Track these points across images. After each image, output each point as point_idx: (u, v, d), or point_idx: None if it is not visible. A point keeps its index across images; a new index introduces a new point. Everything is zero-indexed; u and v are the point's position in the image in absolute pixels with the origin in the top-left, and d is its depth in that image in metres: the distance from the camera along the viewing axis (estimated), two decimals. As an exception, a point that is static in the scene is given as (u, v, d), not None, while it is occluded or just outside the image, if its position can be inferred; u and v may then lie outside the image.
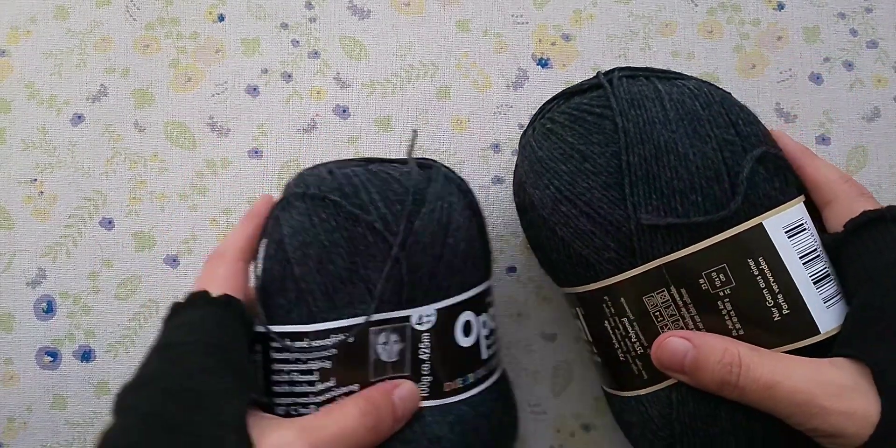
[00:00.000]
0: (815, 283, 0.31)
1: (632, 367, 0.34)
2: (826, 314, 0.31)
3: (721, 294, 0.31)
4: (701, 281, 0.31)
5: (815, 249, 0.32)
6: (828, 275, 0.32)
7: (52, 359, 0.49)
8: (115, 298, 0.50)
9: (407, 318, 0.34)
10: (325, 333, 0.34)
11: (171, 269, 0.50)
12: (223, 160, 0.51)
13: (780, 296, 0.31)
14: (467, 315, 0.36)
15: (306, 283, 0.34)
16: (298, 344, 0.34)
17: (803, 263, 0.31)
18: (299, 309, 0.35)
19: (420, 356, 0.35)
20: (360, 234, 0.34)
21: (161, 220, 0.51)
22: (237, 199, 0.51)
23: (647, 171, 0.32)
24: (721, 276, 0.31)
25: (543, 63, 0.52)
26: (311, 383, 0.33)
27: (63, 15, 0.53)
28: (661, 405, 0.33)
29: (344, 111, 0.52)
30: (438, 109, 0.52)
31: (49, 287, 0.50)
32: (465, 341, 0.36)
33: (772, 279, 0.31)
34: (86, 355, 0.49)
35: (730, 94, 0.37)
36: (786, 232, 0.31)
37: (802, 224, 0.32)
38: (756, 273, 0.31)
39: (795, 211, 0.32)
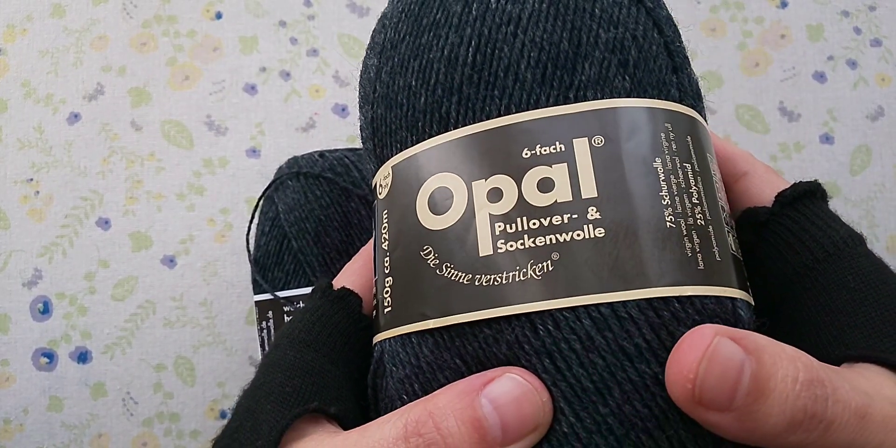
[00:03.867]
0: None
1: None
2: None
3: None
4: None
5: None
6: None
7: (48, 360, 0.49)
8: (112, 299, 0.49)
9: None
10: None
11: (168, 269, 0.50)
12: (221, 159, 0.51)
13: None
14: None
15: (304, 256, 0.37)
16: None
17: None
18: (297, 280, 0.37)
19: None
20: (353, 209, 0.37)
21: (158, 220, 0.50)
22: (235, 199, 0.50)
23: None
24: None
25: (544, 61, 0.52)
26: None
27: (59, 13, 0.52)
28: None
29: (343, 109, 0.51)
30: (438, 108, 0.51)
31: (45, 288, 0.49)
32: None
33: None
34: (82, 356, 0.49)
35: None
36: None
37: None
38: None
39: None
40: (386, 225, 0.22)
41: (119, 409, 0.48)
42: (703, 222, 0.19)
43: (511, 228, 0.18)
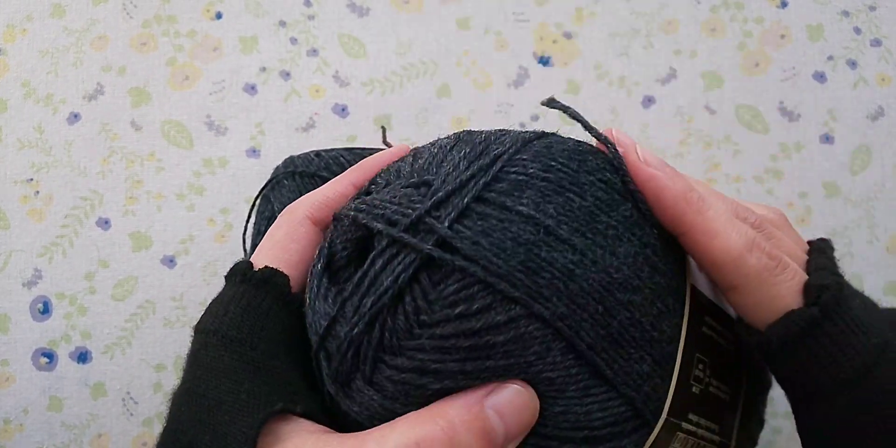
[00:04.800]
0: None
1: None
2: None
3: None
4: None
5: None
6: None
7: (48, 360, 0.49)
8: (112, 299, 0.49)
9: None
10: None
11: (168, 269, 0.50)
12: (221, 159, 0.51)
13: None
14: None
15: None
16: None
17: None
18: None
19: None
20: None
21: (158, 220, 0.50)
22: (235, 199, 0.50)
23: None
24: None
25: (544, 61, 0.51)
26: None
27: (59, 13, 0.52)
28: None
29: (343, 110, 0.51)
30: (438, 108, 0.51)
31: (45, 288, 0.49)
32: None
33: None
34: (82, 357, 0.49)
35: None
36: None
37: None
38: None
39: None
40: None
41: (119, 409, 0.48)
42: None
43: None
